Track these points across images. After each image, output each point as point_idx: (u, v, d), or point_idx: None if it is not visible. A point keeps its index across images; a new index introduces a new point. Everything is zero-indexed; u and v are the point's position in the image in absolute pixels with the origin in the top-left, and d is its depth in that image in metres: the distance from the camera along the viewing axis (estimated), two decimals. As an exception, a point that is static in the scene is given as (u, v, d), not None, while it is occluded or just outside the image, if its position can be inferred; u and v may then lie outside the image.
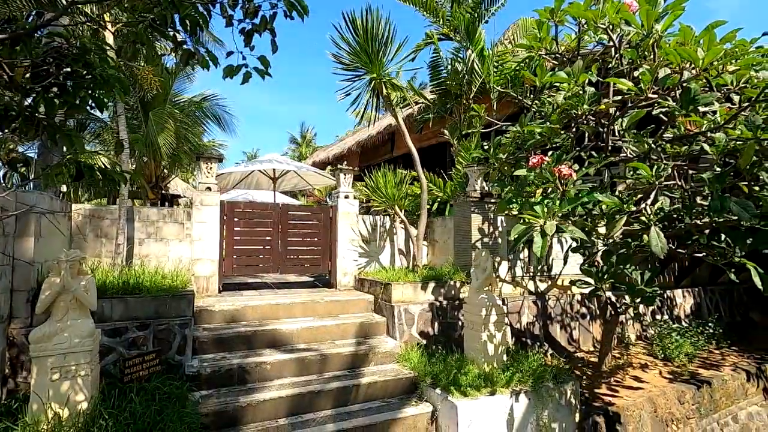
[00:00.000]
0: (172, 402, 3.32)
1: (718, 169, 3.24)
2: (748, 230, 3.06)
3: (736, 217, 3.00)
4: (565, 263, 5.11)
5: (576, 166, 3.12)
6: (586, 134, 4.45)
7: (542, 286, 6.18)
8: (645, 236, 3.03)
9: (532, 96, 4.34)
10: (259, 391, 3.89)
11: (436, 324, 5.23)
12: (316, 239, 6.26)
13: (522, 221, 3.08)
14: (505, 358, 4.52)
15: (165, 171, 12.77)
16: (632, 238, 3.46)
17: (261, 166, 9.42)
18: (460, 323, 5.27)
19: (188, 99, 10.96)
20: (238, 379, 4.01)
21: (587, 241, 3.56)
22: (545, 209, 2.96)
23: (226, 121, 11.56)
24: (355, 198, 6.36)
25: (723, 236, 3.38)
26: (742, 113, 2.96)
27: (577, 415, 4.34)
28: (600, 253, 3.62)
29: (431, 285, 5.33)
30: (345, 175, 6.26)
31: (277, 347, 4.52)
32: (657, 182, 2.87)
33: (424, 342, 5.06)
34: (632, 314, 6.76)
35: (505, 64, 5.53)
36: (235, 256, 5.78)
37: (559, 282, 6.27)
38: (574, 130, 4.45)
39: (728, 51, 2.86)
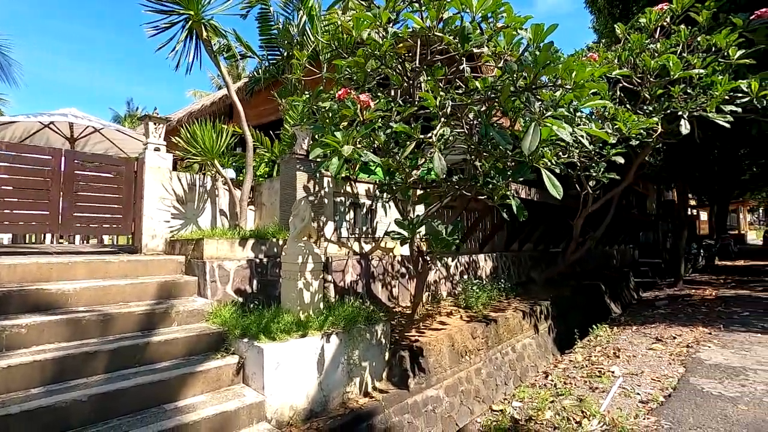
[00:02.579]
0: None
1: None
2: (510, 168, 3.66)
3: (501, 156, 3.55)
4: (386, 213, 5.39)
5: (376, 101, 3.28)
6: (399, 94, 4.77)
7: (367, 248, 6.47)
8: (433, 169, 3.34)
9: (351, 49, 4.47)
10: (3, 359, 3.06)
11: (255, 281, 4.97)
12: (116, 196, 5.32)
13: (323, 145, 3.10)
14: (321, 306, 4.54)
15: None
16: (426, 176, 3.84)
17: (52, 119, 7.65)
18: (281, 280, 5.11)
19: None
20: (-31, 349, 3.09)
21: (392, 181, 3.80)
22: (345, 135, 3.03)
23: (1, 66, 9.09)
24: (168, 151, 5.63)
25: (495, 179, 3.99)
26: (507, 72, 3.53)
27: (387, 353, 4.63)
28: (399, 192, 3.92)
29: (251, 242, 5.04)
30: (155, 124, 5.49)
31: (43, 310, 3.65)
32: (440, 112, 3.22)
33: (241, 300, 4.76)
34: (444, 274, 7.66)
35: (332, 24, 5.59)
36: (-10, 211, 4.51)
37: (382, 244, 6.66)
38: (390, 91, 4.74)
39: (497, 12, 3.38)
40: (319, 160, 3.22)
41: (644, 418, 3.89)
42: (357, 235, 6.36)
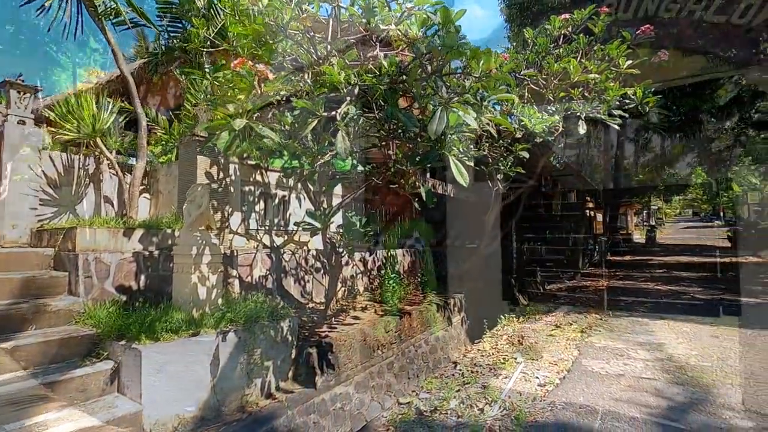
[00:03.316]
0: None
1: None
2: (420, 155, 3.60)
3: (410, 140, 3.46)
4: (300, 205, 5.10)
5: (275, 73, 3.00)
6: (311, 76, 4.51)
7: (278, 241, 6.10)
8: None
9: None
10: None
11: (143, 277, 4.39)
12: (-38, 177, 4.40)
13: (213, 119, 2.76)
14: (220, 302, 4.13)
15: None
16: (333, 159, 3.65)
17: None
18: (173, 275, 4.58)
19: None
20: None
21: (300, 167, 3.55)
22: (237, 107, 2.72)
23: None
24: (37, 126, 4.79)
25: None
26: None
27: (294, 350, 4.35)
28: (307, 174, 3.69)
29: (139, 232, 4.45)
30: (20, 93, 4.63)
31: None
32: (346, 89, 3.04)
33: (125, 298, 4.17)
34: (362, 269, 7.53)
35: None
36: None
37: (296, 237, 6.33)
38: (304, 75, 4.46)
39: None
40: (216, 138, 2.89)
41: (541, 401, 4.07)
42: (267, 228, 5.97)
